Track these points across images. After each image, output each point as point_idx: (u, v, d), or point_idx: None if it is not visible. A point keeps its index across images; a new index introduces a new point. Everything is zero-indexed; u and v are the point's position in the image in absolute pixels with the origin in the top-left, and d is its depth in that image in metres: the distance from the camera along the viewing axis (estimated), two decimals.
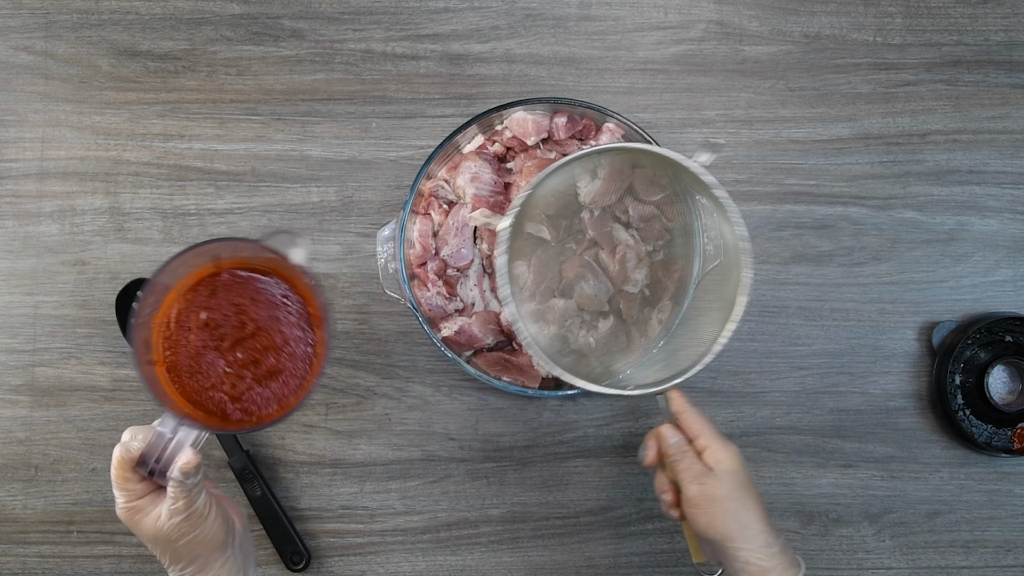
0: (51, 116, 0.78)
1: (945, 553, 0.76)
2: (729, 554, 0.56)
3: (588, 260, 0.71)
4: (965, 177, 0.79)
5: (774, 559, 0.55)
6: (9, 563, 0.74)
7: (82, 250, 0.77)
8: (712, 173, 0.78)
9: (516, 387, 0.69)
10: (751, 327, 0.77)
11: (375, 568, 0.75)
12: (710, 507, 0.56)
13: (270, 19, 0.79)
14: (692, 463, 0.57)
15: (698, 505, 0.56)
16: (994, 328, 0.75)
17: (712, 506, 0.56)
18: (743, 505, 0.56)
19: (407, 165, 0.78)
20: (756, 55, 0.79)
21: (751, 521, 0.55)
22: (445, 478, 0.76)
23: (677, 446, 0.59)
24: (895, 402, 0.77)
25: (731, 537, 0.55)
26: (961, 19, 0.80)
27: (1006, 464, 0.77)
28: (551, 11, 0.79)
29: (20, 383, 0.76)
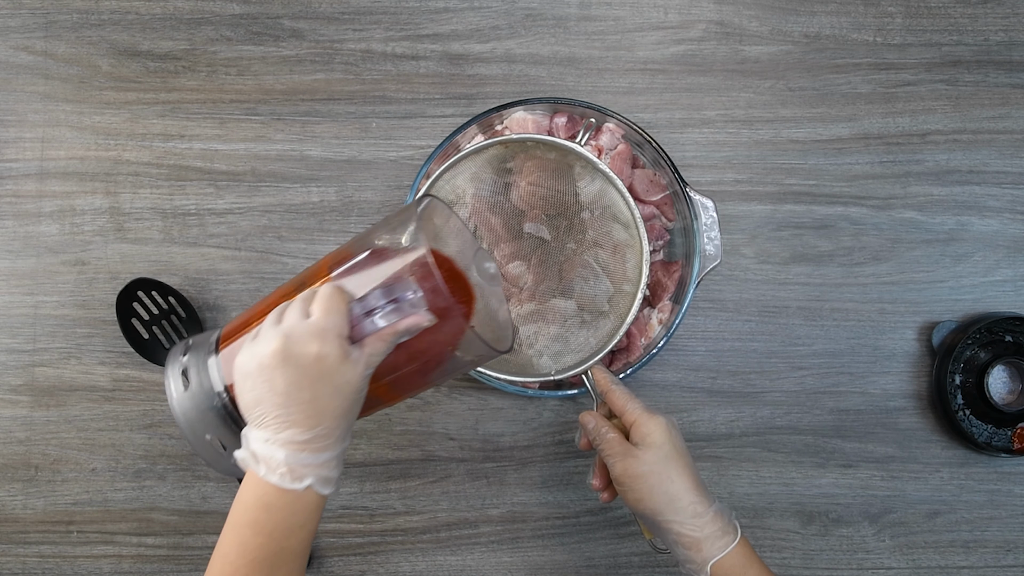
0: (51, 116, 0.78)
1: (945, 553, 0.76)
2: (661, 528, 0.56)
3: (588, 260, 0.71)
4: (965, 177, 0.79)
5: (705, 529, 0.54)
6: (9, 563, 0.74)
7: (82, 250, 0.77)
8: (713, 172, 0.78)
9: (516, 387, 0.69)
10: (751, 327, 0.77)
11: (375, 568, 0.75)
12: (635, 484, 0.55)
13: (270, 19, 0.79)
14: (613, 443, 0.57)
15: (623, 483, 0.56)
16: (994, 328, 0.75)
17: (636, 482, 0.55)
18: (668, 477, 0.55)
19: (407, 165, 0.78)
20: (756, 55, 0.79)
21: (678, 492, 0.55)
22: (445, 478, 0.76)
23: (595, 430, 0.59)
24: (895, 402, 0.77)
25: (659, 511, 0.55)
26: (961, 19, 0.80)
27: (1006, 464, 0.77)
28: (551, 11, 0.79)
29: (20, 383, 0.76)
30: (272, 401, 0.46)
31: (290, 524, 0.47)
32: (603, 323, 0.72)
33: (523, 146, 0.72)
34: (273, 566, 0.47)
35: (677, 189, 0.69)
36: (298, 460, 0.46)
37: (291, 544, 0.47)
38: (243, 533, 0.47)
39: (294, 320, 0.47)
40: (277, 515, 0.46)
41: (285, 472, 0.46)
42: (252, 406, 0.46)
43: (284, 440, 0.46)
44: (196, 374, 0.51)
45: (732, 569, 0.54)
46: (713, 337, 0.77)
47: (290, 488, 0.46)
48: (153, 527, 0.75)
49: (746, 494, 0.76)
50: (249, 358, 0.46)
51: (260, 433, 0.46)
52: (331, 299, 0.47)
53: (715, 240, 0.69)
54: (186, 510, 0.75)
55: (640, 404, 0.59)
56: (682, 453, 0.57)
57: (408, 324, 0.47)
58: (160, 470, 0.75)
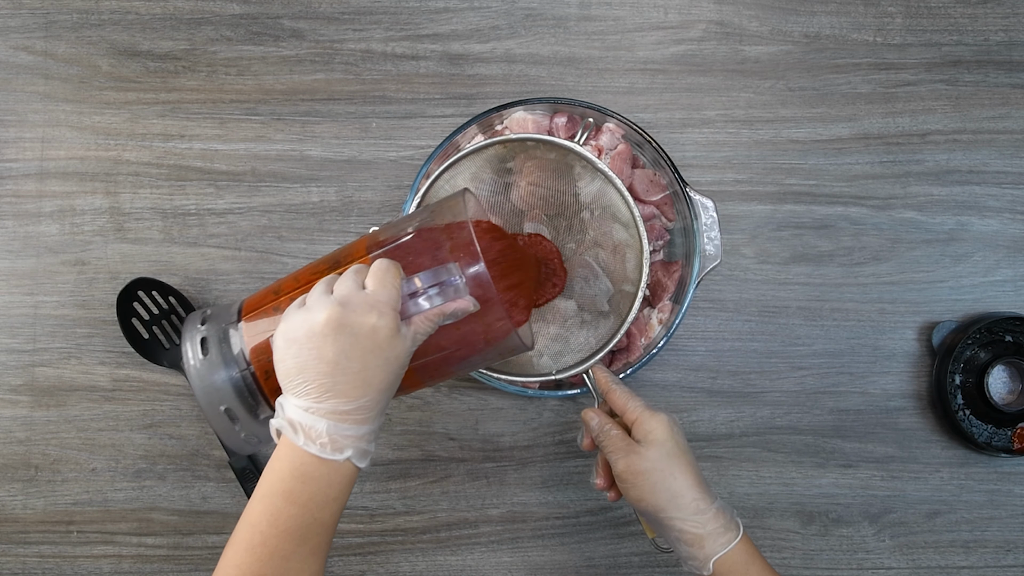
0: (51, 116, 0.78)
1: (945, 553, 0.76)
2: (664, 524, 0.56)
3: (588, 260, 0.71)
4: (965, 177, 0.79)
5: (707, 525, 0.54)
6: (9, 563, 0.74)
7: (82, 250, 0.77)
8: (713, 172, 0.78)
9: (516, 387, 0.69)
10: (751, 327, 0.77)
11: (375, 568, 0.75)
12: (637, 480, 0.56)
13: (270, 19, 0.79)
14: (616, 440, 0.58)
15: (626, 480, 0.56)
16: (994, 328, 0.75)
17: (639, 479, 0.56)
18: (671, 474, 0.55)
19: (407, 165, 0.78)
20: (756, 55, 0.79)
21: (681, 489, 0.55)
22: (445, 478, 0.76)
23: (599, 426, 0.59)
24: (895, 402, 0.77)
25: (662, 508, 0.55)
26: (961, 19, 0.80)
27: (1006, 464, 0.77)
28: (551, 11, 0.79)
29: (20, 383, 0.76)
30: (318, 369, 0.45)
31: (326, 495, 0.46)
32: (603, 323, 0.72)
33: (523, 146, 0.72)
34: (304, 537, 0.46)
35: (677, 189, 0.69)
36: (339, 431, 0.46)
37: (324, 516, 0.47)
38: (276, 503, 0.46)
39: (350, 290, 0.46)
40: (313, 486, 0.46)
41: (326, 442, 0.45)
42: (294, 373, 0.46)
43: (327, 410, 0.45)
44: (216, 343, 0.51)
45: (735, 566, 0.54)
46: (713, 337, 0.77)
47: (330, 459, 0.46)
48: (153, 527, 0.75)
49: (746, 494, 0.76)
50: (298, 324, 0.46)
51: (300, 401, 0.46)
52: (388, 273, 0.47)
53: (715, 240, 0.69)
54: (186, 510, 0.75)
55: (641, 402, 0.59)
56: (684, 450, 0.57)
57: (455, 307, 0.48)
58: (160, 470, 0.75)
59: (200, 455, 0.75)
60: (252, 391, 0.51)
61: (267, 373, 0.50)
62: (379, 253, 0.52)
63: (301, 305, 0.48)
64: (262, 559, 0.45)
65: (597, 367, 0.64)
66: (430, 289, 0.48)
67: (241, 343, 0.51)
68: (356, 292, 0.47)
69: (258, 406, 0.52)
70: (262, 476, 0.47)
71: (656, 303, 0.73)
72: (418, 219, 0.54)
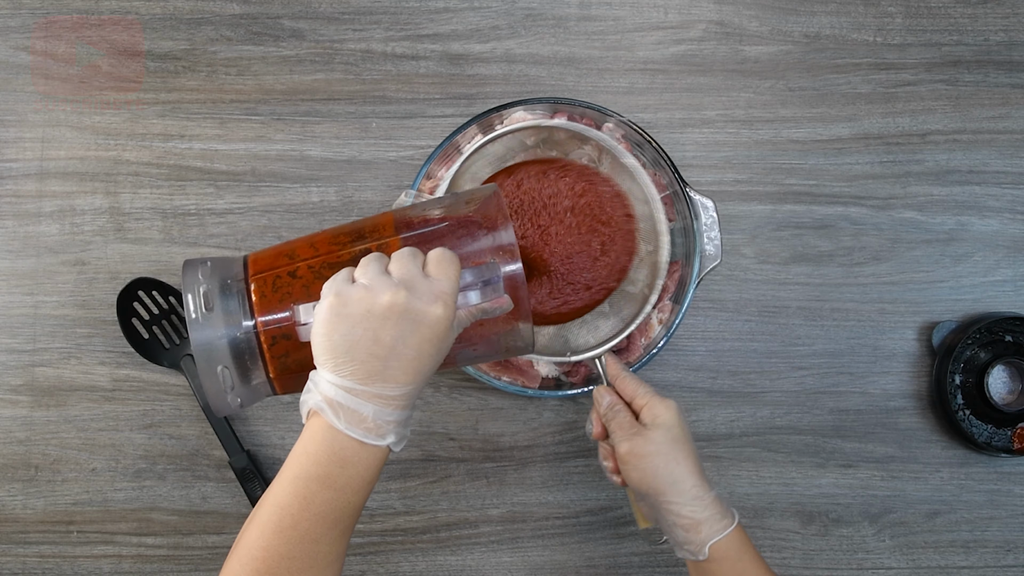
0: (51, 116, 0.78)
1: (945, 553, 0.76)
2: (662, 509, 0.56)
3: None
4: (965, 177, 0.79)
5: (705, 511, 0.55)
6: (9, 563, 0.74)
7: (82, 250, 0.77)
8: (713, 172, 0.78)
9: (516, 387, 0.69)
10: (751, 327, 0.77)
11: (375, 568, 0.75)
12: (640, 463, 0.56)
13: (270, 19, 0.79)
14: (624, 421, 0.58)
15: (629, 461, 0.57)
16: (994, 328, 0.75)
17: (642, 461, 0.56)
18: (674, 459, 0.56)
19: (407, 165, 0.78)
20: (756, 55, 0.79)
21: (682, 475, 0.55)
22: (445, 478, 0.76)
23: (609, 405, 0.60)
24: (895, 402, 0.77)
25: (661, 491, 0.55)
26: (961, 19, 0.80)
27: (1006, 464, 0.77)
28: (551, 11, 0.79)
29: (20, 383, 0.76)
30: (371, 351, 0.44)
31: (362, 479, 0.46)
32: (603, 323, 0.72)
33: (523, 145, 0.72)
34: (337, 521, 0.46)
35: (677, 189, 0.69)
36: (384, 416, 0.45)
37: (357, 500, 0.46)
38: (310, 486, 0.45)
39: (413, 275, 0.46)
40: (352, 470, 0.45)
41: (371, 427, 0.45)
42: (342, 351, 0.44)
43: (373, 393, 0.44)
44: (220, 298, 0.49)
45: (729, 551, 0.55)
46: (713, 337, 0.77)
47: (373, 444, 0.45)
48: (153, 527, 0.75)
49: (746, 494, 0.76)
50: (356, 301, 0.45)
51: (341, 381, 0.44)
52: (451, 264, 0.47)
53: (715, 240, 0.69)
54: (186, 510, 0.75)
55: (651, 389, 0.60)
56: (688, 438, 0.57)
57: (496, 305, 0.49)
58: (160, 470, 0.75)
59: (200, 455, 0.75)
60: (252, 354, 0.49)
61: (274, 339, 0.49)
62: (411, 235, 0.51)
63: (349, 279, 0.46)
64: (291, 541, 0.44)
65: (608, 355, 0.64)
66: (476, 285, 0.49)
67: (246, 303, 0.49)
68: (420, 278, 0.46)
69: (253, 369, 0.50)
70: (291, 457, 0.46)
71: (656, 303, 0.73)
72: (448, 205, 0.54)
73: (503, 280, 0.50)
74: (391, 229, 0.52)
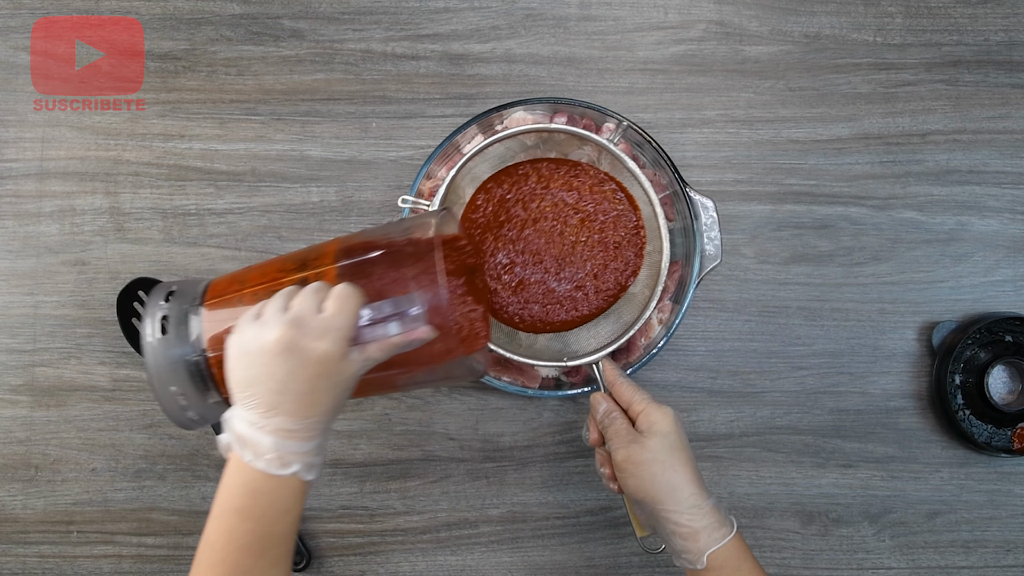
0: (51, 116, 0.78)
1: (945, 553, 0.76)
2: (660, 517, 0.56)
3: None
4: (965, 177, 0.79)
5: (703, 519, 0.55)
6: (9, 563, 0.74)
7: (82, 250, 0.77)
8: (713, 172, 0.78)
9: (516, 387, 0.69)
10: (751, 327, 0.77)
11: (375, 568, 0.75)
12: (637, 470, 0.56)
13: (270, 19, 0.79)
14: (620, 428, 0.58)
15: (625, 469, 0.56)
16: (994, 328, 0.75)
17: (639, 469, 0.56)
18: (671, 467, 0.55)
19: (407, 165, 0.78)
20: (756, 55, 0.79)
21: (680, 483, 0.55)
22: (445, 478, 0.76)
23: (606, 412, 0.60)
24: (895, 402, 0.77)
25: (659, 499, 0.55)
26: (961, 19, 0.80)
27: (1006, 464, 0.77)
28: (551, 11, 0.79)
29: (20, 383, 0.76)
30: (267, 386, 0.46)
31: (277, 509, 0.47)
32: (603, 324, 0.72)
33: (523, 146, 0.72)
34: (262, 551, 0.47)
35: (677, 189, 0.69)
36: (285, 447, 0.46)
37: (278, 529, 0.47)
38: (230, 520, 0.47)
39: (305, 311, 0.47)
40: (264, 500, 0.47)
41: (273, 458, 0.46)
42: (244, 386, 0.47)
43: (273, 427, 0.46)
44: (175, 323, 0.51)
45: (727, 561, 0.54)
46: (713, 337, 0.77)
47: (277, 474, 0.46)
48: (153, 527, 0.75)
49: (746, 494, 0.76)
50: (251, 338, 0.46)
51: (247, 415, 0.46)
52: (348, 300, 0.47)
53: (715, 240, 0.69)
54: (186, 510, 0.75)
55: (647, 395, 0.59)
56: (685, 445, 0.57)
57: (411, 338, 0.48)
58: (160, 470, 0.75)
59: (200, 455, 0.75)
60: (204, 377, 0.51)
61: (221, 362, 0.50)
62: (346, 264, 0.52)
63: (257, 316, 0.48)
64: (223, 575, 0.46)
65: (605, 360, 0.64)
66: (390, 318, 0.48)
67: (200, 328, 0.51)
68: (312, 314, 0.47)
69: (208, 391, 0.52)
70: (216, 493, 0.48)
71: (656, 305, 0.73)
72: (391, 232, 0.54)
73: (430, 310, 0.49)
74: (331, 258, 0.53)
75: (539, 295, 0.69)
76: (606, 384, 0.63)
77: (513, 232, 0.68)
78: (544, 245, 0.69)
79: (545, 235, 0.69)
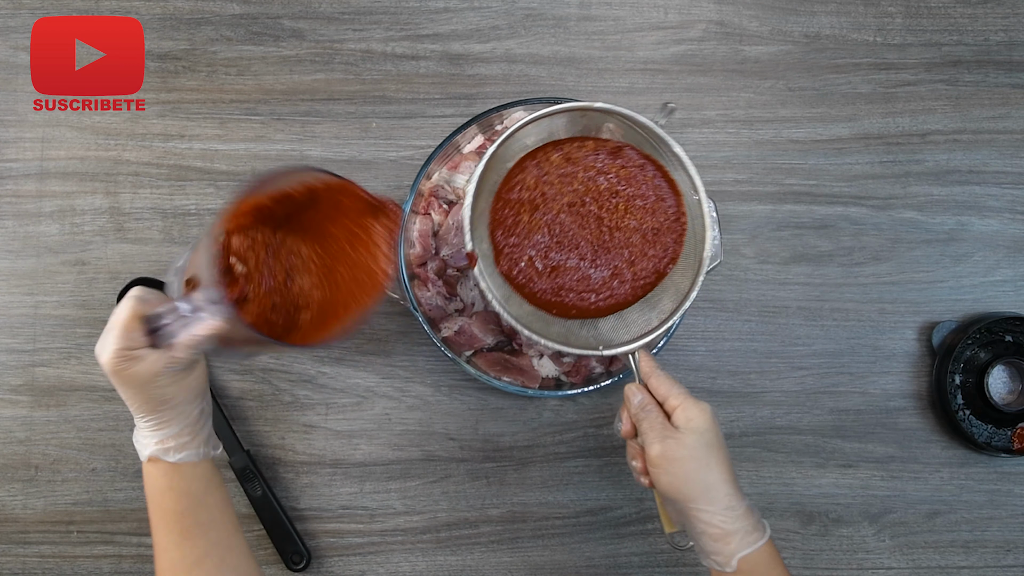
0: (51, 116, 0.78)
1: (945, 553, 0.76)
2: (691, 516, 0.54)
3: None
4: (965, 177, 0.79)
5: (737, 522, 0.53)
6: (9, 563, 0.74)
7: (82, 250, 0.77)
8: (713, 172, 0.78)
9: (516, 387, 0.69)
10: (751, 327, 0.77)
11: (375, 568, 0.75)
12: (671, 467, 0.54)
13: (270, 19, 0.79)
14: (655, 422, 0.55)
15: (659, 465, 0.54)
16: (994, 328, 0.75)
17: (673, 466, 0.54)
18: (707, 465, 0.54)
19: (407, 165, 0.78)
20: (756, 55, 0.79)
21: (715, 482, 0.53)
22: (445, 478, 0.76)
23: (641, 404, 0.57)
24: (895, 402, 0.77)
25: (692, 498, 0.53)
26: (961, 19, 0.80)
27: (1006, 464, 0.77)
28: (551, 11, 0.79)
29: (20, 383, 0.76)
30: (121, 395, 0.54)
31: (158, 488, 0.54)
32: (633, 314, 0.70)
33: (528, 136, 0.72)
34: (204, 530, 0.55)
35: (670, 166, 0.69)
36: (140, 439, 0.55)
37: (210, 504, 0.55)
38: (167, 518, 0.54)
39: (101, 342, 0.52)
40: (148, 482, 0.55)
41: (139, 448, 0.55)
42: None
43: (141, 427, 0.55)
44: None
45: (758, 566, 0.53)
46: (713, 337, 0.77)
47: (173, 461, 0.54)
48: None
49: (746, 494, 0.76)
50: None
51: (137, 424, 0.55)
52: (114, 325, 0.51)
53: (715, 240, 0.69)
54: None
55: (685, 390, 0.57)
56: (722, 444, 0.55)
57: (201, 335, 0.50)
58: None
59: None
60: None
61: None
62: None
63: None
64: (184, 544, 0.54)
65: (642, 350, 0.61)
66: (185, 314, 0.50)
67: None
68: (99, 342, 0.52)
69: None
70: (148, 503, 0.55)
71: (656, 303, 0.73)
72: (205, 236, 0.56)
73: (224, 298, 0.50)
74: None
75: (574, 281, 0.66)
76: (642, 375, 0.59)
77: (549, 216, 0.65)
78: (579, 229, 0.66)
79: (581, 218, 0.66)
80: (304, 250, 0.60)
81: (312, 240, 0.60)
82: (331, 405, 0.76)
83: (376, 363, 0.76)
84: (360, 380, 0.76)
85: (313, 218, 0.59)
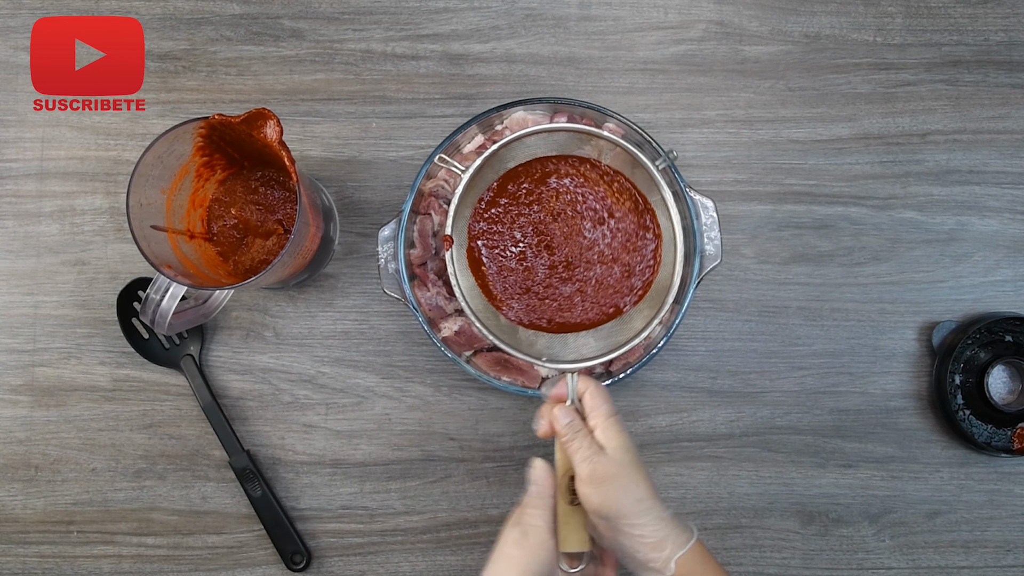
0: (51, 116, 0.78)
1: (945, 553, 0.76)
2: (624, 530, 0.56)
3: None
4: (965, 177, 0.79)
5: (667, 529, 0.56)
6: (9, 563, 0.74)
7: (82, 250, 0.77)
8: (713, 172, 0.78)
9: (516, 387, 0.69)
10: (751, 327, 0.77)
11: (375, 568, 0.75)
12: (603, 486, 0.56)
13: (270, 19, 0.79)
14: (584, 442, 0.57)
15: (591, 484, 0.56)
16: (994, 328, 0.75)
17: (605, 485, 0.56)
18: (635, 482, 0.56)
19: (407, 165, 0.78)
20: (756, 55, 0.79)
21: (643, 496, 0.56)
22: (445, 478, 0.76)
23: (570, 426, 0.59)
24: (895, 402, 0.77)
25: (625, 514, 0.55)
26: (961, 19, 0.80)
27: (1006, 464, 0.77)
28: (551, 11, 0.79)
29: (20, 383, 0.76)
30: None
31: None
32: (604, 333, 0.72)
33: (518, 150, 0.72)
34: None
35: (677, 189, 0.69)
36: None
37: None
38: None
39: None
40: None
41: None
42: None
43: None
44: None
45: (694, 565, 0.56)
46: (713, 337, 0.77)
47: None
48: (153, 527, 0.75)
49: (746, 494, 0.76)
50: None
51: None
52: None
53: (715, 240, 0.69)
54: (186, 510, 0.75)
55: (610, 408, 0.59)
56: (639, 459, 0.58)
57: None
58: (160, 470, 0.75)
59: (200, 455, 0.75)
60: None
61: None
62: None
63: None
64: None
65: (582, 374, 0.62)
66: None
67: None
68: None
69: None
70: None
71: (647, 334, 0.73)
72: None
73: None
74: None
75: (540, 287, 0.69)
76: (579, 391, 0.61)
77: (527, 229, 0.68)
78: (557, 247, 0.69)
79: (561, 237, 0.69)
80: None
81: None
82: (331, 405, 0.76)
83: (376, 363, 0.76)
84: (360, 380, 0.76)
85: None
